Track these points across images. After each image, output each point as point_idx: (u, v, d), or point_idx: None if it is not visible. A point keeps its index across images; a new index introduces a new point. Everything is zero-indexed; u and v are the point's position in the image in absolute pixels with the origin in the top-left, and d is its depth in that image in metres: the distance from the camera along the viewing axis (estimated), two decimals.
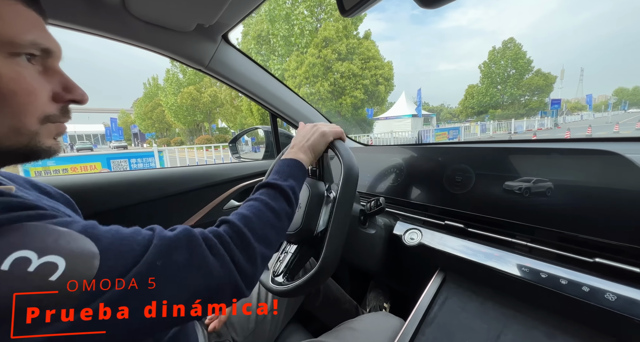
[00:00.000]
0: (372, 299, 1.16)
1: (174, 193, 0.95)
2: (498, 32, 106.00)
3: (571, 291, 0.44)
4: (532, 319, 0.49)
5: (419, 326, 0.56)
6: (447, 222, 0.66)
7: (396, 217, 0.80)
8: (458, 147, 0.77)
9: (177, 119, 26.36)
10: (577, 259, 0.46)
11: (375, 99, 17.97)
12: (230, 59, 0.83)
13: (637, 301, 0.39)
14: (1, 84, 0.30)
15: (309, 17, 16.98)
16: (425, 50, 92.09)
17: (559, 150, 0.53)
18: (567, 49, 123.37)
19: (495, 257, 0.54)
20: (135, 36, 0.67)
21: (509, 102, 34.23)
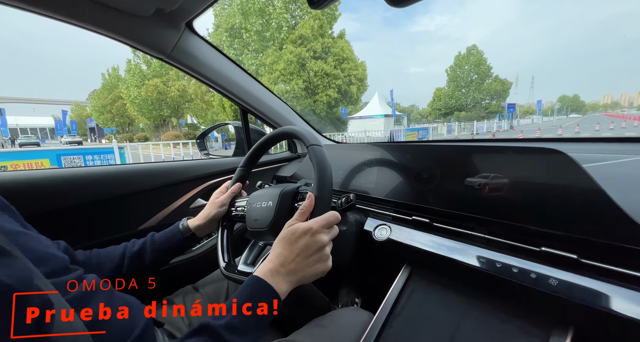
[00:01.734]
0: (344, 295, 1.17)
1: (135, 192, 0.88)
2: (462, 38, 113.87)
3: (521, 278, 0.47)
4: (489, 307, 0.52)
5: (387, 319, 0.58)
6: (414, 217, 0.69)
7: (367, 214, 0.82)
8: (424, 145, 0.80)
9: (141, 114, 24.51)
10: (527, 248, 0.50)
11: (348, 99, 18.24)
12: (195, 49, 0.78)
13: (574, 284, 0.44)
14: None
15: (284, 13, 16.72)
16: (397, 52, 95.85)
17: (513, 148, 0.57)
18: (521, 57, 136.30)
19: (457, 250, 0.57)
20: (89, 19, 0.60)
21: (472, 105, 36.77)
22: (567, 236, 0.46)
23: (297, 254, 0.45)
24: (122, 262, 0.62)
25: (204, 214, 0.70)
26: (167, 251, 0.67)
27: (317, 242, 0.45)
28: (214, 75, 0.86)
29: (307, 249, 0.45)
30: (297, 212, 0.51)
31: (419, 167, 0.73)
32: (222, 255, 0.68)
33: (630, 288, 0.40)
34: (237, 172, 0.76)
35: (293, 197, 0.65)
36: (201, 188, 1.04)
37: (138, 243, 0.66)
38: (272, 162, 1.26)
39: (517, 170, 0.55)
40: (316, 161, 0.56)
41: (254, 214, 0.66)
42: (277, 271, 0.44)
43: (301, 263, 0.45)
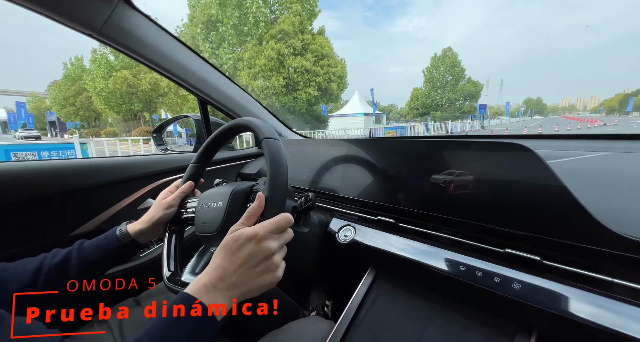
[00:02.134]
0: (315, 298, 1.12)
1: (69, 190, 0.75)
2: (439, 40, 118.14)
3: (485, 282, 0.44)
4: (453, 313, 0.49)
5: (347, 328, 0.52)
6: (379, 217, 0.64)
7: (332, 214, 0.76)
8: (391, 140, 0.75)
9: (108, 107, 22.85)
10: (491, 250, 0.47)
11: (329, 96, 18.24)
12: (133, 26, 0.67)
13: (537, 287, 0.41)
14: None
15: (262, 8, 16.29)
16: (377, 52, 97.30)
17: (480, 143, 0.54)
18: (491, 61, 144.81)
19: (422, 252, 0.53)
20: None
21: (447, 105, 38.33)
22: (531, 237, 0.43)
23: (240, 265, 0.38)
24: (35, 279, 0.50)
25: (147, 217, 0.60)
26: (99, 262, 0.56)
27: (263, 251, 0.39)
28: (159, 57, 0.76)
29: (251, 258, 0.38)
30: (243, 215, 0.43)
31: (385, 164, 0.68)
32: (167, 263, 0.59)
33: (592, 291, 0.38)
34: (189, 170, 0.67)
35: (246, 196, 0.58)
36: (153, 186, 0.94)
37: (61, 254, 0.54)
38: (237, 158, 1.17)
39: (482, 166, 0.52)
40: (269, 156, 0.48)
41: (202, 217, 0.58)
42: (214, 286, 0.37)
43: (244, 275, 0.38)
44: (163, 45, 0.75)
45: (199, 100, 1.02)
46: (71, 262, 0.54)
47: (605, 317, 0.35)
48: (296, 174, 0.89)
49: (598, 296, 0.37)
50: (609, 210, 0.40)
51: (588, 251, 0.39)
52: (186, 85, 0.89)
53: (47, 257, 0.53)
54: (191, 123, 1.38)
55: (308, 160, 0.90)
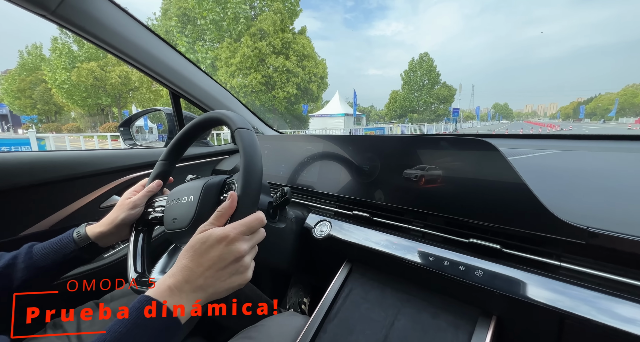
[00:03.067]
0: (293, 296, 1.11)
1: (19, 186, 0.69)
2: (416, 45, 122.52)
3: (451, 271, 0.46)
4: (422, 302, 0.51)
5: (321, 323, 0.53)
6: (354, 212, 0.65)
7: (309, 209, 0.76)
8: (366, 137, 0.77)
9: (71, 101, 21.14)
10: (458, 240, 0.49)
11: (309, 96, 18.26)
12: (94, 9, 0.62)
13: (497, 273, 0.44)
14: None
15: (242, 4, 15.93)
16: (357, 54, 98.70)
17: (448, 139, 0.56)
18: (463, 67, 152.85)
19: (394, 245, 0.55)
20: None
21: (423, 108, 39.89)
22: (492, 227, 0.46)
23: (208, 267, 0.36)
24: None
25: (109, 218, 0.55)
26: (51, 267, 0.50)
27: (233, 253, 0.37)
28: (126, 45, 0.71)
29: (220, 261, 0.36)
30: (213, 215, 0.41)
31: (360, 160, 0.69)
32: (132, 265, 0.54)
33: (543, 275, 0.41)
34: (157, 167, 0.63)
35: (219, 189, 0.55)
36: (118, 183, 0.88)
37: (5, 258, 0.48)
38: (212, 154, 1.14)
39: (449, 161, 0.55)
40: (242, 146, 0.46)
41: (173, 213, 0.55)
42: (180, 289, 0.34)
43: (212, 278, 0.36)
44: (129, 31, 0.71)
45: (171, 93, 0.97)
46: (16, 267, 0.47)
47: (555, 298, 0.39)
48: (272, 170, 0.88)
49: (549, 279, 0.40)
50: (558, 200, 0.44)
51: (540, 238, 0.42)
52: (155, 75, 0.85)
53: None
54: (163, 118, 1.31)
55: (284, 156, 0.89)
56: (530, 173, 0.48)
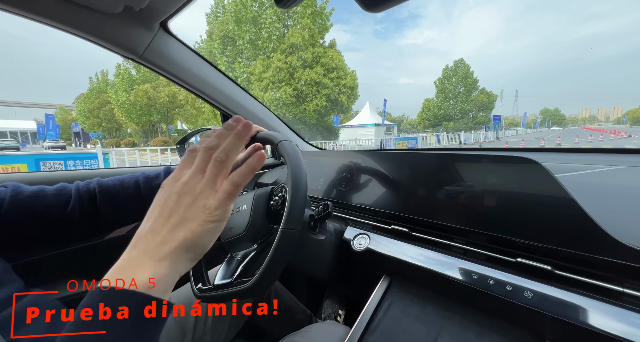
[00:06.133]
0: (328, 307, 1.13)
1: None
2: (450, 52, 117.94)
3: (497, 290, 0.46)
4: (466, 320, 0.50)
5: (363, 333, 0.54)
6: (393, 226, 0.67)
7: (347, 222, 0.79)
8: (405, 153, 0.79)
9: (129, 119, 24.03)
10: (503, 259, 0.48)
11: (339, 107, 18.48)
12: (170, 50, 0.75)
13: (548, 296, 0.42)
14: None
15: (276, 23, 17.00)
16: (388, 64, 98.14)
17: (489, 157, 0.56)
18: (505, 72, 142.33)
19: (435, 260, 0.55)
20: (46, 13, 0.57)
21: (459, 116, 37.92)
22: (541, 247, 0.45)
23: (152, 221, 0.29)
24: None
25: None
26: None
27: (174, 192, 0.29)
28: (190, 78, 0.83)
29: (163, 204, 0.29)
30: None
31: (399, 175, 0.71)
32: (193, 279, 0.58)
33: (603, 300, 0.39)
34: None
35: (267, 197, 0.62)
36: None
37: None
38: None
39: (492, 179, 0.54)
40: (287, 154, 0.51)
41: (229, 223, 0.62)
42: (130, 258, 0.27)
43: (162, 229, 0.28)
44: (194, 66, 0.83)
45: (222, 114, 1.10)
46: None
47: (616, 326, 0.37)
48: (311, 184, 0.93)
49: (609, 305, 0.38)
50: (620, 221, 0.42)
51: (597, 261, 0.40)
52: (211, 100, 0.97)
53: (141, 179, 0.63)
54: (201, 133, 1.47)
55: (322, 170, 0.94)
56: (585, 191, 0.46)
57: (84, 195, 0.59)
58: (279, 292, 0.95)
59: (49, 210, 0.54)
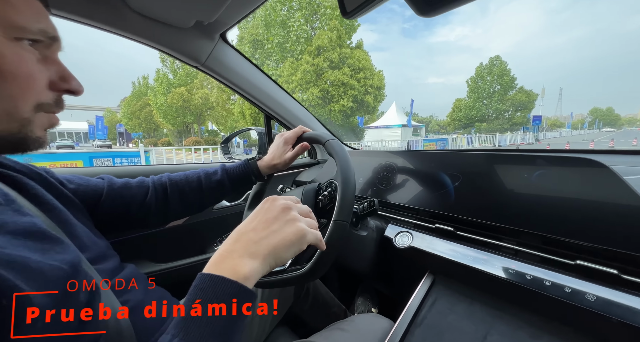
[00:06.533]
0: (360, 304, 1.15)
1: None
2: (484, 49, 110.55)
3: (554, 291, 0.45)
4: (518, 320, 0.50)
5: (408, 326, 0.56)
6: (437, 225, 0.68)
7: (387, 220, 0.81)
8: (447, 153, 0.79)
9: (166, 120, 25.83)
10: (560, 261, 0.48)
11: (365, 108, 18.30)
12: (227, 58, 0.83)
13: (614, 301, 0.41)
14: (3, 65, 0.29)
15: (304, 25, 17.29)
16: (416, 63, 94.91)
17: (546, 157, 0.56)
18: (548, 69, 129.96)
19: (483, 260, 0.56)
20: (133, 30, 0.66)
21: (494, 116, 35.67)
22: (604, 250, 0.44)
23: (261, 223, 0.36)
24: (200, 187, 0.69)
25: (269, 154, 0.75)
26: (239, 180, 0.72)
27: (278, 205, 0.37)
28: (241, 82, 0.91)
29: (266, 213, 0.37)
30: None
31: (441, 175, 0.72)
32: None
33: None
34: None
35: (315, 193, 0.67)
36: None
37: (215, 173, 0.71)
38: (293, 167, 1.29)
39: (549, 180, 0.54)
40: (335, 152, 0.57)
41: None
42: (242, 252, 0.33)
43: (271, 236, 0.34)
44: (246, 72, 0.90)
45: (265, 115, 1.17)
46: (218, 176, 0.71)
47: None
48: None
49: None
50: None
51: None
52: (258, 103, 1.04)
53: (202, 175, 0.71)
54: (247, 135, 1.57)
55: (361, 169, 0.97)
56: None
57: (158, 187, 0.68)
58: (316, 285, 0.99)
59: (133, 199, 0.64)
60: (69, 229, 0.44)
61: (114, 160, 7.40)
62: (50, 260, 0.32)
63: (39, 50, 0.34)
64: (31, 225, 0.35)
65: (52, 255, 0.34)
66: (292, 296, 0.88)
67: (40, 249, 0.33)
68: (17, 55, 0.31)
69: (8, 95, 0.31)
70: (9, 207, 0.36)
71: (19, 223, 0.34)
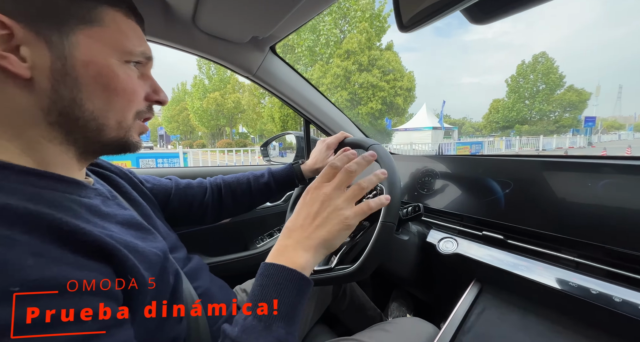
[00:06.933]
0: (395, 309, 1.15)
1: None
2: (527, 45, 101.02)
3: (626, 309, 0.42)
4: (582, 337, 0.47)
5: (455, 333, 0.56)
6: (484, 232, 0.66)
7: (429, 226, 0.81)
8: (496, 159, 0.77)
9: (201, 123, 27.55)
10: (632, 277, 0.45)
11: (394, 110, 17.90)
12: (274, 68, 0.89)
13: None
14: (118, 83, 0.36)
15: (333, 29, 17.44)
16: (449, 63, 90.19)
17: (614, 166, 0.52)
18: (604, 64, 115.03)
19: (538, 271, 0.54)
20: (199, 47, 0.75)
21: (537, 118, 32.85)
22: None
23: (309, 216, 0.38)
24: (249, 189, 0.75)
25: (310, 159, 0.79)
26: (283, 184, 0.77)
27: (336, 209, 0.37)
28: (287, 90, 0.96)
29: (309, 206, 0.38)
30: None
31: (490, 181, 0.70)
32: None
33: None
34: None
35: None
36: None
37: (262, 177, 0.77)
38: None
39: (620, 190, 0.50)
40: (380, 157, 0.58)
41: None
42: (295, 245, 0.36)
43: (321, 227, 0.37)
44: (290, 79, 0.96)
45: (304, 120, 1.22)
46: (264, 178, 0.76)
47: None
48: None
49: None
50: None
51: None
52: (299, 108, 1.09)
53: (251, 178, 0.77)
54: (283, 138, 1.65)
55: (402, 173, 0.97)
56: None
57: (214, 188, 0.75)
58: (353, 287, 1.01)
59: (195, 198, 0.71)
60: (152, 222, 0.51)
61: (157, 161, 8.06)
62: (149, 247, 0.38)
63: (138, 68, 0.40)
64: (131, 217, 0.42)
65: (149, 243, 0.40)
66: (330, 295, 0.91)
67: (141, 237, 0.40)
68: (126, 75, 0.37)
69: (120, 108, 0.37)
70: (114, 201, 0.43)
71: (124, 215, 0.40)
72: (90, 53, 0.34)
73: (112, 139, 0.38)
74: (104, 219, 0.36)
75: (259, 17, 0.65)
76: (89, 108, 0.34)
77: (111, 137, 0.38)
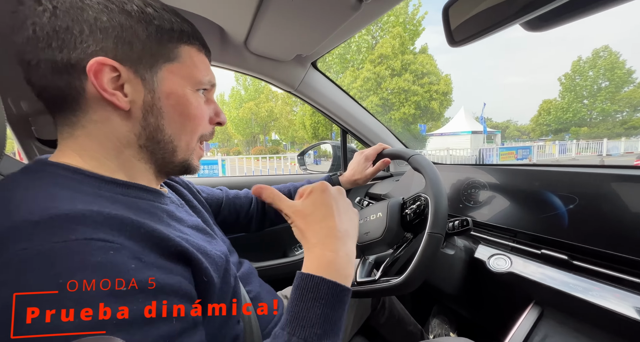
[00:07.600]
0: (437, 326, 1.09)
1: None
2: (584, 39, 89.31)
3: None
4: None
5: None
6: (543, 251, 0.61)
7: (477, 240, 0.76)
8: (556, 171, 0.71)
9: (237, 131, 29.23)
10: None
11: (429, 115, 17.20)
12: (315, 82, 0.93)
13: None
14: (191, 109, 0.41)
15: (365, 35, 17.46)
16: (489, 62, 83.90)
17: None
18: None
19: (615, 298, 0.48)
20: (248, 67, 0.82)
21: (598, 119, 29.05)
22: None
23: (348, 224, 0.41)
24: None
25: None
26: None
27: (327, 201, 0.41)
28: (327, 102, 1.00)
29: (326, 207, 0.41)
30: None
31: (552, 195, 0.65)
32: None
33: None
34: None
35: (400, 207, 0.68)
36: None
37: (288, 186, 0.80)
38: None
39: None
40: (423, 167, 0.59)
41: (364, 228, 0.71)
42: (333, 256, 0.36)
43: (350, 235, 0.40)
44: (329, 92, 0.99)
45: (342, 130, 1.24)
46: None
47: None
48: None
49: None
50: None
51: None
52: (337, 119, 1.11)
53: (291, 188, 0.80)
54: (317, 146, 1.69)
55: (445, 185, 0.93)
56: None
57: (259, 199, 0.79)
58: (392, 301, 0.98)
59: (242, 208, 0.76)
60: (212, 228, 0.56)
61: None
62: (215, 249, 0.42)
63: (205, 94, 0.45)
64: (198, 223, 0.47)
65: (214, 246, 0.44)
66: (369, 308, 0.90)
67: (207, 241, 0.44)
68: (197, 102, 0.42)
69: (189, 131, 0.42)
70: (183, 208, 0.48)
71: (192, 220, 0.45)
72: (171, 86, 0.39)
73: (180, 160, 0.43)
74: (180, 223, 0.41)
75: (304, 37, 0.69)
76: (168, 132, 0.40)
77: (180, 158, 0.43)
